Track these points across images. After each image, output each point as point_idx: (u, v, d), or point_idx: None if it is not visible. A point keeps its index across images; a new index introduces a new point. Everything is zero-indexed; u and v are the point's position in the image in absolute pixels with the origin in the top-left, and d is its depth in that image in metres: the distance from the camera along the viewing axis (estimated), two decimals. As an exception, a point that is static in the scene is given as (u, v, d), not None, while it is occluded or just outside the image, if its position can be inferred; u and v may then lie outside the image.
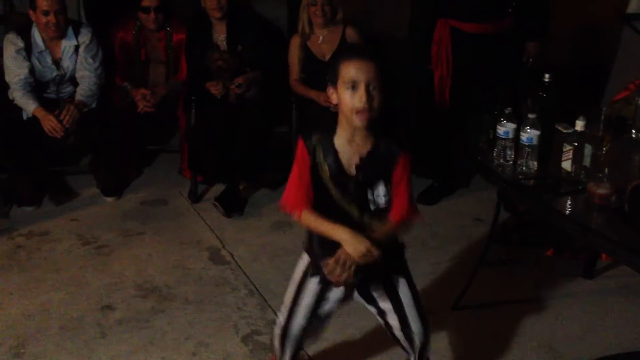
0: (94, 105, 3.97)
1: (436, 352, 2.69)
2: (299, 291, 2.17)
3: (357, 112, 1.92)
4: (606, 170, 2.25)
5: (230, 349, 2.71)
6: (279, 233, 3.67)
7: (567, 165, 2.45)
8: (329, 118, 2.02)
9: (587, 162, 2.43)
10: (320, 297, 2.16)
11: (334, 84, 1.97)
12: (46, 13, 3.72)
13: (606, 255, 3.15)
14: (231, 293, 3.10)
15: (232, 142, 3.88)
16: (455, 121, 2.78)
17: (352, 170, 1.99)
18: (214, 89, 3.95)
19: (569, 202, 2.32)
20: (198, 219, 3.86)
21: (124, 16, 4.23)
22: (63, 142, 3.88)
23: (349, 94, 1.92)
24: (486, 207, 3.86)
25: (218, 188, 4.10)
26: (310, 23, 3.94)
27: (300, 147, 2.02)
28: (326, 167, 1.99)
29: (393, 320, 2.20)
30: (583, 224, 2.19)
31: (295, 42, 4.02)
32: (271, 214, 3.86)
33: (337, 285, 2.07)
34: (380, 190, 2.02)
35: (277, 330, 2.26)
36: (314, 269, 2.12)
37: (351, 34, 3.91)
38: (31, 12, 3.78)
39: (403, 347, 2.26)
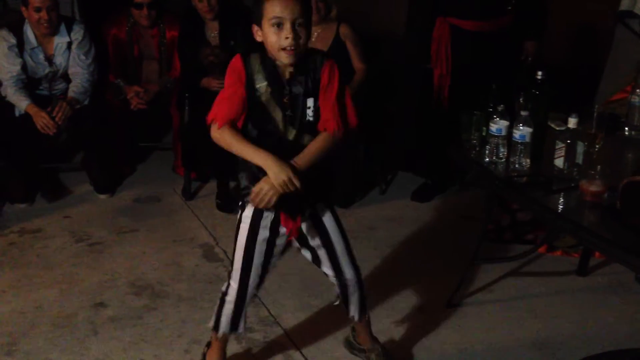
0: (86, 102, 3.96)
1: (428, 349, 2.71)
2: (248, 243, 2.19)
3: (284, 49, 1.93)
4: (599, 167, 2.25)
5: (224, 346, 2.70)
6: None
7: (559, 162, 2.45)
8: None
9: (579, 159, 2.44)
10: (270, 241, 2.19)
11: (258, 23, 1.97)
12: (38, 9, 3.71)
13: (599, 253, 3.17)
14: (224, 290, 3.09)
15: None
16: (453, 119, 2.80)
17: (285, 92, 2.01)
18: (214, 84, 3.93)
19: (561, 200, 2.32)
20: (191, 216, 3.85)
21: (117, 13, 4.23)
22: (55, 139, 3.87)
23: (275, 33, 1.93)
24: (479, 204, 3.86)
25: (212, 185, 4.09)
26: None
27: (238, 64, 2.01)
28: (265, 83, 2.00)
29: (323, 257, 2.25)
30: (575, 221, 2.20)
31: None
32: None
33: (267, 205, 2.04)
34: (310, 103, 2.03)
35: (230, 299, 2.27)
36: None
37: (345, 31, 3.89)
38: (23, 8, 3.77)
39: (343, 301, 2.37)
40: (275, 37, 1.93)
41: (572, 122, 2.42)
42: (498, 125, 2.54)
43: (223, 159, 3.83)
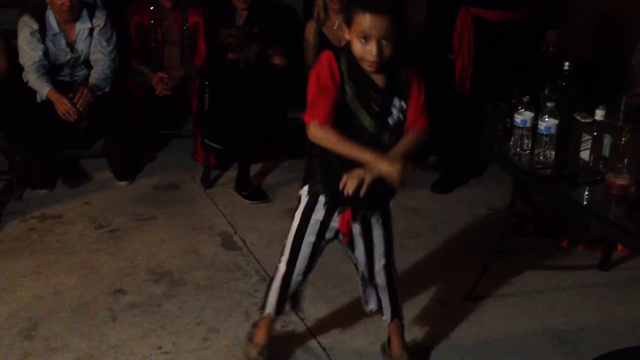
0: (107, 89, 3.96)
1: (448, 342, 2.69)
2: (302, 226, 2.22)
3: (366, 62, 1.95)
4: (625, 161, 2.21)
5: (241, 335, 2.68)
6: (290, 219, 3.64)
7: (585, 155, 2.41)
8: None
9: (605, 152, 2.39)
10: (325, 227, 2.20)
11: (348, 26, 1.98)
12: (61, -5, 3.71)
13: (624, 247, 3.12)
14: (243, 279, 3.09)
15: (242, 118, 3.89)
16: (475, 110, 2.76)
17: (375, 92, 2.02)
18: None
19: (587, 193, 2.29)
20: (210, 204, 3.85)
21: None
22: (76, 125, 3.87)
23: (360, 44, 1.93)
24: (500, 196, 3.82)
25: (231, 173, 4.08)
26: (326, 8, 3.91)
27: (331, 63, 1.99)
28: (352, 84, 1.99)
29: (360, 257, 2.28)
30: (601, 215, 2.16)
31: (310, 28, 3.99)
32: (283, 200, 3.85)
33: (348, 193, 1.97)
34: (397, 102, 2.05)
35: (277, 282, 2.31)
36: (319, 190, 2.15)
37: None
38: (46, -6, 3.77)
39: (364, 297, 2.39)
40: (360, 48, 1.95)
41: (599, 114, 2.38)
42: (523, 117, 2.50)
43: (247, 144, 3.87)
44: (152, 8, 4.17)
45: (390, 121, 2.06)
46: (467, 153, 3.91)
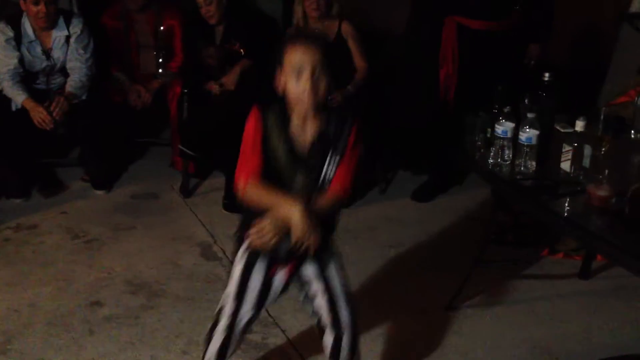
0: (84, 97, 3.91)
1: (429, 353, 2.67)
2: (245, 278, 2.10)
3: (302, 99, 1.89)
4: (606, 172, 2.21)
5: (221, 347, 2.65)
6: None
7: (566, 166, 2.41)
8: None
9: (586, 163, 2.40)
10: (267, 284, 2.10)
11: (281, 69, 1.93)
12: (36, 3, 3.66)
13: (605, 258, 3.13)
14: (223, 290, 2.96)
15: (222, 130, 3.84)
16: (458, 119, 2.77)
17: (305, 151, 1.96)
18: (213, 88, 3.97)
19: (567, 204, 2.28)
20: (189, 213, 3.80)
21: (111, 3, 4.19)
22: (52, 133, 3.81)
23: (294, 82, 1.89)
24: (481, 205, 3.84)
25: (210, 182, 4.05)
26: (306, 16, 3.89)
27: (255, 119, 1.96)
28: (281, 145, 1.95)
29: (322, 301, 2.14)
30: (583, 226, 2.15)
31: (290, 37, 3.97)
32: (264, 209, 3.81)
33: (263, 248, 1.94)
34: (329, 167, 1.98)
35: (219, 335, 2.14)
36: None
37: (347, 28, 3.85)
38: (22, 1, 3.71)
39: (324, 342, 2.21)
40: (294, 85, 1.89)
41: (579, 125, 2.39)
42: (504, 127, 2.50)
43: (230, 149, 3.81)
44: (122, 10, 4.14)
45: (321, 180, 1.99)
46: (447, 161, 3.92)
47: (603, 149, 2.48)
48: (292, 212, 1.87)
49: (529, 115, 2.43)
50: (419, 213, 3.86)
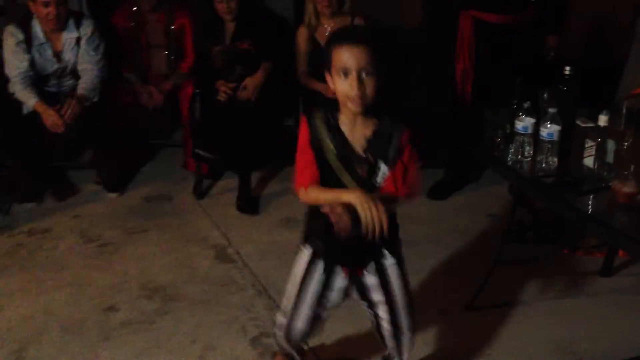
0: (96, 99, 3.87)
1: (450, 353, 2.62)
2: (303, 283, 2.12)
3: (350, 99, 1.86)
4: (632, 167, 2.15)
5: (239, 352, 2.61)
6: (286, 230, 3.58)
7: (589, 162, 2.35)
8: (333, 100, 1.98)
9: (609, 158, 2.33)
10: (326, 285, 2.11)
11: (329, 70, 1.91)
12: (46, 4, 3.63)
13: (632, 257, 3.07)
14: (238, 293, 3.01)
15: (236, 131, 3.81)
16: (476, 115, 2.72)
17: (360, 151, 1.94)
18: (222, 90, 3.93)
19: (592, 201, 2.22)
20: (203, 215, 3.77)
21: (122, 3, 4.16)
22: (64, 136, 3.78)
23: (341, 81, 1.86)
24: (498, 202, 3.78)
25: (224, 183, 4.01)
26: (317, 14, 3.84)
27: (304, 127, 1.96)
28: (332, 147, 1.93)
29: (383, 313, 2.16)
30: (609, 224, 2.10)
31: (301, 34, 3.92)
32: (278, 210, 3.77)
33: (344, 232, 1.88)
34: (382, 167, 1.95)
35: (280, 332, 2.24)
36: (318, 251, 2.07)
37: (360, 24, 3.80)
38: (31, 3, 3.68)
39: (386, 344, 2.24)
40: (341, 86, 1.87)
41: (602, 120, 2.33)
42: (524, 123, 2.43)
43: (244, 150, 3.79)
44: (134, 9, 4.10)
45: (375, 182, 1.97)
46: (465, 158, 3.87)
47: (626, 144, 2.41)
48: (354, 196, 1.82)
49: (551, 110, 2.37)
50: (434, 211, 3.81)
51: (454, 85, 3.66)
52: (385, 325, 2.18)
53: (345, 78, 1.85)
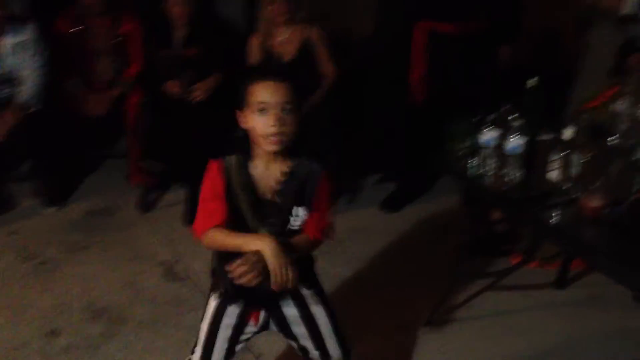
0: (37, 106, 3.68)
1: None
2: (214, 327, 2.01)
3: (267, 137, 1.77)
4: (597, 181, 2.13)
5: (191, 376, 2.49)
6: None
7: (554, 175, 2.33)
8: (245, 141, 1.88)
9: (574, 172, 2.31)
10: (239, 330, 2.02)
11: (241, 108, 1.82)
12: (-18, 10, 3.44)
13: (580, 263, 3.08)
14: (189, 313, 2.89)
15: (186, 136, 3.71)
16: (431, 126, 2.70)
17: (269, 196, 1.86)
18: (175, 89, 3.83)
19: (558, 215, 2.20)
20: (149, 229, 3.62)
21: (66, 7, 3.98)
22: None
23: (258, 119, 1.77)
24: (452, 214, 3.75)
25: (170, 196, 3.87)
26: (271, 22, 3.76)
27: (215, 168, 1.86)
28: (243, 195, 1.84)
29: (308, 344, 2.07)
30: (577, 238, 2.08)
31: (254, 42, 3.83)
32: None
33: (247, 283, 1.76)
34: (300, 212, 1.88)
35: None
36: (229, 292, 1.97)
37: (314, 34, 3.74)
38: (-33, 8, 3.48)
39: None
40: (259, 124, 1.78)
41: (567, 133, 2.30)
42: (488, 136, 2.40)
43: (194, 157, 3.65)
44: (78, 14, 3.94)
45: (293, 228, 1.90)
46: (421, 169, 3.85)
47: (588, 157, 2.40)
48: (263, 244, 1.75)
49: (515, 123, 2.34)
50: (387, 223, 3.75)
51: (409, 95, 3.63)
52: (316, 358, 2.09)
53: (263, 115, 1.77)
